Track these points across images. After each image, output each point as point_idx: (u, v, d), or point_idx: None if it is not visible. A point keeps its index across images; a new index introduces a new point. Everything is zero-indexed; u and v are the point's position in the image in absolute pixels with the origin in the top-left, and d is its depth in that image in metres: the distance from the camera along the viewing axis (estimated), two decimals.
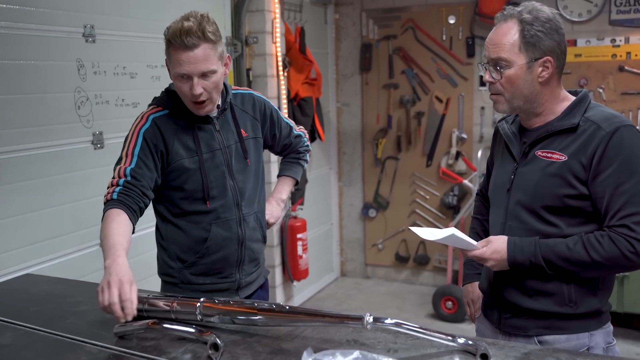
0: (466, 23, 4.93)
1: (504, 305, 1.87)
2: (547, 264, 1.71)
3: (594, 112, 1.75)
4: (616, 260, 1.65)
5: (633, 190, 1.65)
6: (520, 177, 1.82)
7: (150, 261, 3.35)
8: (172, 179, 2.04)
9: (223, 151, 2.08)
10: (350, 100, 5.46)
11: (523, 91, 1.75)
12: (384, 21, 5.22)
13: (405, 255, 5.45)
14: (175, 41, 1.89)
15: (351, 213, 5.64)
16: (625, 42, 4.48)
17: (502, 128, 1.94)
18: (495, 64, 1.76)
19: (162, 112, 2.04)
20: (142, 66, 3.26)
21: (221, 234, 2.10)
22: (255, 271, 2.23)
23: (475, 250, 1.78)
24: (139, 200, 1.93)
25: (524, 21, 1.71)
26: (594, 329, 1.78)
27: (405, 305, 5.01)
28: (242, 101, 2.19)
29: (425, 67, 5.11)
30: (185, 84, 1.94)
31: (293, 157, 2.44)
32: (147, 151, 1.98)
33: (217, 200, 2.08)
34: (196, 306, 1.65)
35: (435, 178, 5.22)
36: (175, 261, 2.12)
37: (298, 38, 4.54)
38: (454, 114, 5.09)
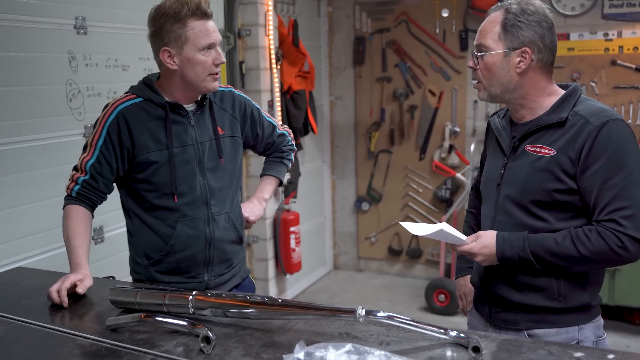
0: (459, 16, 4.93)
1: (495, 299, 1.88)
2: (536, 258, 1.71)
3: (583, 106, 1.75)
4: (604, 254, 1.65)
5: (621, 185, 1.65)
6: (509, 171, 1.82)
7: None
8: (138, 171, 2.01)
9: (195, 147, 2.03)
10: (343, 93, 5.45)
11: (500, 79, 1.78)
12: (377, 14, 5.21)
13: (398, 248, 5.46)
14: (200, 11, 1.89)
15: (344, 206, 5.65)
16: (618, 36, 4.48)
17: (493, 122, 1.95)
18: (478, 50, 1.80)
19: (134, 100, 2.00)
20: (134, 58, 3.25)
21: (187, 232, 2.04)
22: (227, 272, 2.16)
23: (464, 246, 1.78)
24: (96, 199, 2.04)
25: (508, 11, 1.75)
26: (583, 322, 1.79)
27: (398, 298, 5.02)
28: (222, 99, 2.14)
29: (419, 61, 5.11)
30: (209, 56, 1.94)
31: (277, 156, 2.39)
32: (110, 145, 1.97)
33: (185, 197, 2.03)
34: (188, 299, 1.65)
35: (428, 171, 5.23)
36: (142, 258, 2.08)
37: (291, 31, 4.52)
38: (447, 107, 5.09)
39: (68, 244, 1.95)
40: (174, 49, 1.93)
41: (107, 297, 1.82)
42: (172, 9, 1.90)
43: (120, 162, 2.00)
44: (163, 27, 1.92)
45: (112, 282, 2.08)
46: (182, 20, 1.90)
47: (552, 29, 1.78)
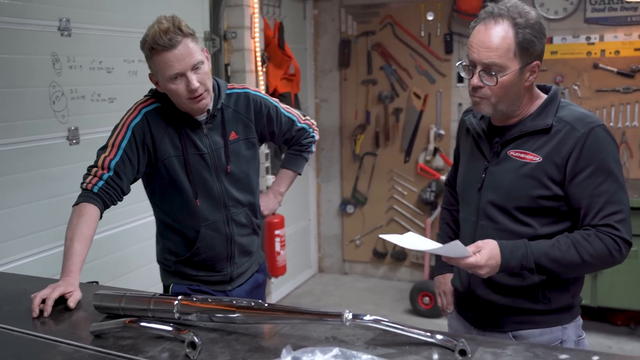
0: (444, 20, 4.96)
1: (479, 303, 1.88)
2: (537, 266, 1.68)
3: (566, 112, 1.75)
4: (603, 258, 1.67)
5: (611, 190, 1.67)
6: (491, 176, 1.81)
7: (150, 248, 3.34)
8: (161, 175, 2.08)
9: (210, 155, 2.11)
10: (328, 96, 5.45)
11: (511, 96, 1.72)
12: (363, 17, 5.22)
13: (383, 251, 5.47)
14: (157, 45, 1.91)
15: (329, 209, 5.65)
16: (600, 40, 4.53)
17: (470, 123, 1.90)
18: (487, 68, 1.68)
19: (154, 104, 2.07)
20: (118, 61, 3.22)
21: (210, 235, 2.15)
22: (247, 261, 2.28)
23: (469, 258, 1.66)
24: (116, 198, 2.03)
25: (518, 25, 1.66)
26: (566, 322, 1.81)
27: (383, 301, 5.02)
28: (237, 102, 2.19)
29: (404, 64, 5.13)
30: (180, 84, 1.95)
31: (296, 149, 2.45)
32: (134, 146, 2.01)
33: (205, 201, 2.12)
34: (173, 304, 1.64)
35: (413, 174, 5.24)
36: (170, 255, 2.19)
37: (277, 33, 4.52)
38: (431, 110, 5.11)
39: (69, 245, 1.88)
40: (155, 78, 2.02)
41: (90, 303, 1.80)
42: (142, 42, 1.97)
43: (142, 164, 2.04)
44: (145, 58, 2.00)
45: (96, 287, 2.06)
46: (148, 55, 1.96)
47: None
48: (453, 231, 2.13)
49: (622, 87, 4.44)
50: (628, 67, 4.42)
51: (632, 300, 4.01)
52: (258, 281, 2.36)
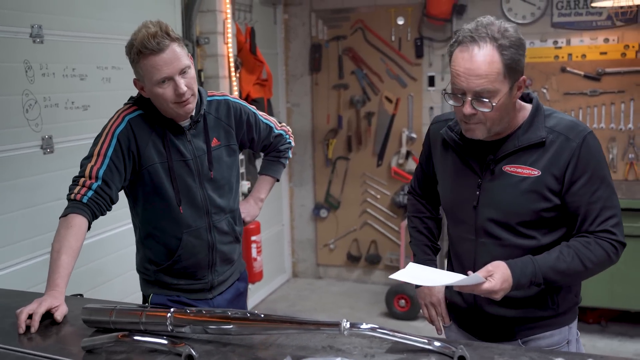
0: (415, 24, 5.00)
1: (486, 318, 1.86)
2: (545, 280, 1.69)
3: (555, 121, 1.75)
4: (603, 263, 1.72)
5: (605, 195, 1.72)
6: (488, 193, 1.77)
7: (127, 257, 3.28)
8: (145, 182, 2.06)
9: (194, 161, 2.10)
10: (300, 100, 5.45)
11: (503, 116, 1.70)
12: (333, 22, 5.23)
13: (357, 254, 5.48)
14: (146, 49, 1.90)
15: (302, 213, 5.64)
16: (567, 44, 4.63)
17: (449, 138, 1.84)
18: (479, 95, 1.63)
19: (137, 112, 2.05)
20: (92, 67, 3.16)
21: (192, 242, 2.13)
22: (228, 269, 2.27)
23: (484, 285, 1.61)
24: (105, 208, 2.00)
25: (502, 47, 1.62)
26: (571, 322, 1.86)
27: (358, 304, 5.04)
28: (217, 108, 2.19)
29: (375, 68, 5.15)
30: (167, 88, 1.95)
31: (274, 155, 2.47)
32: (120, 154, 1.99)
33: (188, 208, 2.11)
34: (166, 317, 1.61)
35: (386, 177, 5.27)
36: (150, 264, 2.17)
37: (248, 38, 4.50)
38: (403, 114, 5.15)
39: (56, 257, 1.84)
40: (141, 82, 2.00)
41: (78, 316, 1.76)
42: (128, 47, 1.96)
43: (128, 172, 2.03)
44: (131, 63, 1.99)
45: (81, 299, 2.02)
46: (135, 60, 1.95)
47: None
48: (429, 239, 2.10)
49: (589, 90, 4.55)
50: (594, 70, 4.53)
51: (603, 299, 4.10)
52: (239, 290, 2.36)
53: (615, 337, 4.25)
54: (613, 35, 4.53)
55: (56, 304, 1.78)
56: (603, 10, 4.49)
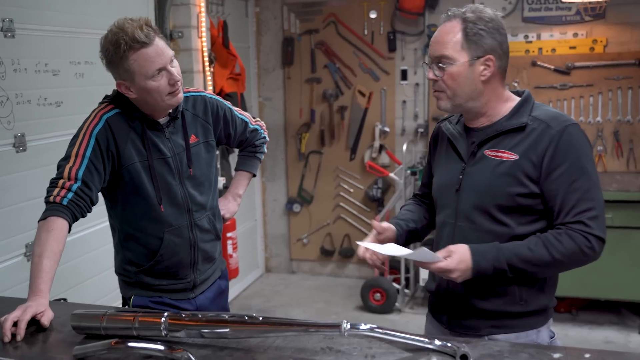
0: (387, 18, 5.00)
1: (455, 306, 1.88)
2: (510, 267, 1.71)
3: (540, 111, 1.79)
4: (574, 256, 1.69)
5: (585, 187, 1.70)
6: (469, 177, 1.83)
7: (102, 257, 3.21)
8: (124, 182, 2.01)
9: (173, 159, 2.07)
10: (272, 94, 5.41)
11: (465, 89, 1.77)
12: (306, 15, 5.19)
13: (331, 249, 5.48)
14: (136, 43, 1.86)
15: (275, 208, 5.61)
16: (537, 39, 4.69)
17: (446, 129, 1.94)
18: (438, 61, 1.78)
19: (114, 110, 2.01)
20: (64, 63, 3.07)
21: (174, 241, 2.10)
22: (210, 268, 2.25)
23: (439, 262, 1.69)
24: (85, 210, 1.95)
25: (467, 20, 1.74)
26: (540, 325, 1.82)
27: (333, 298, 5.04)
28: (194, 104, 2.17)
29: (348, 62, 5.14)
30: (161, 80, 1.92)
31: (250, 150, 2.45)
32: (99, 154, 1.95)
33: (169, 207, 2.08)
34: (161, 321, 1.58)
35: (359, 171, 5.28)
36: (131, 266, 2.13)
37: (221, 32, 4.43)
38: (376, 107, 5.15)
39: (38, 261, 1.79)
40: (127, 81, 1.94)
41: (64, 322, 1.72)
42: (112, 44, 1.89)
43: (107, 172, 1.98)
44: (111, 62, 1.93)
45: (65, 304, 1.96)
46: (123, 55, 1.89)
47: (506, 35, 1.81)
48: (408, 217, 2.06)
49: (559, 84, 4.62)
50: (564, 64, 4.60)
51: (573, 288, 4.18)
52: (221, 288, 2.34)
53: (585, 325, 4.35)
54: (582, 30, 4.61)
55: (41, 309, 1.72)
56: (572, 6, 4.56)
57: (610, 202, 3.97)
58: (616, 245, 4.05)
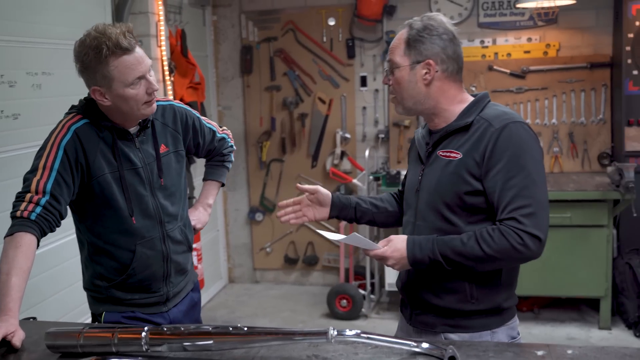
0: (346, 25, 5.03)
1: (415, 302, 1.93)
2: (445, 259, 1.75)
3: (489, 110, 1.83)
4: (506, 252, 1.70)
5: (521, 184, 1.72)
6: (425, 177, 1.90)
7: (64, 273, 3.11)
8: (94, 194, 1.96)
9: (144, 169, 2.04)
10: (231, 103, 5.36)
11: (409, 92, 1.86)
12: (264, 23, 5.18)
13: (294, 257, 5.46)
14: (119, 49, 1.83)
15: (237, 218, 5.56)
16: (493, 44, 4.80)
17: (416, 134, 2.02)
18: (390, 67, 1.89)
19: (82, 121, 1.96)
20: (21, 74, 2.97)
21: (146, 253, 2.06)
22: (182, 280, 2.21)
23: (375, 250, 1.81)
24: (54, 225, 1.89)
25: (412, 27, 1.85)
26: (496, 326, 1.83)
27: (299, 307, 5.01)
28: (163, 114, 2.13)
29: (307, 69, 5.15)
30: (140, 88, 1.89)
31: (218, 160, 2.43)
32: (67, 166, 1.89)
33: (141, 219, 2.03)
34: (141, 336, 1.53)
35: (321, 179, 5.27)
36: (101, 281, 2.06)
37: (179, 41, 4.37)
38: (337, 114, 5.17)
39: (6, 279, 1.72)
40: (103, 88, 1.90)
41: (37, 342, 1.66)
42: (92, 49, 1.85)
43: (76, 185, 1.92)
44: (88, 67, 1.88)
45: (35, 323, 1.89)
46: (103, 60, 1.85)
47: (454, 40, 1.86)
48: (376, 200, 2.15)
49: (515, 88, 4.73)
50: (519, 68, 4.71)
51: (535, 287, 4.27)
52: (194, 300, 2.30)
53: (548, 323, 4.44)
54: (535, 35, 4.73)
55: (12, 329, 1.66)
56: (525, 11, 4.68)
57: (568, 201, 4.10)
58: (575, 243, 4.17)
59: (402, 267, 1.82)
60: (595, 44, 4.67)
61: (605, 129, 4.65)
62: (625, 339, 4.12)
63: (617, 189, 4.02)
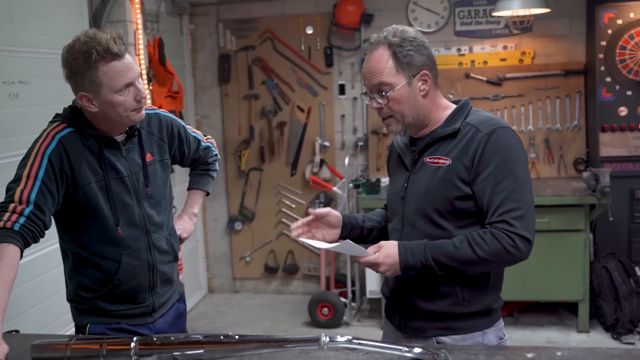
0: (324, 33, 5.05)
1: (404, 308, 1.93)
2: (437, 264, 1.76)
3: (474, 116, 1.86)
4: (499, 255, 1.73)
5: (510, 188, 1.75)
6: (412, 184, 1.90)
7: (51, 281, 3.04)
8: (80, 204, 1.94)
9: (130, 178, 2.02)
10: (209, 112, 5.34)
11: (411, 108, 1.84)
12: (241, 31, 5.17)
13: (274, 265, 5.44)
14: (110, 54, 1.82)
15: (216, 227, 5.52)
16: (470, 51, 4.85)
17: (396, 142, 2.03)
18: (378, 90, 1.84)
19: (67, 129, 1.94)
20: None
21: (132, 263, 2.03)
22: (168, 290, 2.19)
23: (367, 257, 1.79)
24: (38, 235, 1.86)
25: (392, 44, 1.81)
26: (486, 327, 1.86)
27: (280, 316, 4.99)
28: (149, 122, 2.12)
29: (285, 77, 5.15)
30: (128, 95, 1.88)
31: (202, 168, 2.41)
32: (52, 175, 1.86)
33: (127, 228, 2.01)
34: (130, 347, 1.51)
35: (301, 187, 5.27)
36: (86, 292, 2.03)
37: (157, 49, 4.35)
38: (315, 122, 5.17)
39: None
40: (90, 94, 1.88)
41: (21, 355, 1.63)
42: (81, 53, 1.83)
43: (61, 194, 1.89)
44: (76, 72, 1.86)
45: (18, 336, 1.85)
46: (92, 65, 1.83)
47: (429, 47, 1.89)
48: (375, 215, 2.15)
49: (492, 95, 4.78)
50: (496, 76, 4.77)
51: (515, 292, 4.31)
52: (179, 310, 2.28)
53: (528, 327, 4.49)
54: (511, 43, 4.80)
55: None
56: (501, 20, 4.74)
57: (546, 207, 4.15)
58: (553, 248, 4.22)
59: (393, 273, 1.82)
60: (569, 51, 4.75)
61: (580, 135, 4.73)
62: (603, 342, 4.17)
63: (593, 193, 4.09)
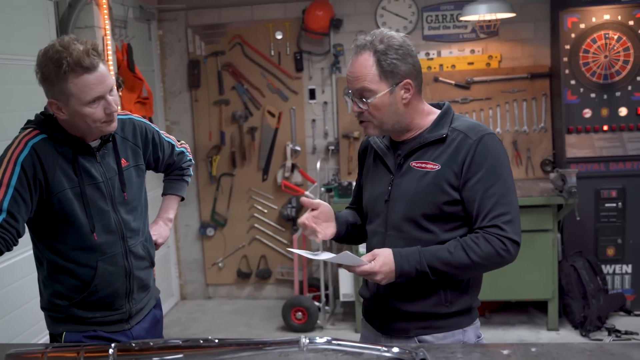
0: (293, 38, 5.06)
1: (385, 310, 1.94)
2: (432, 270, 1.78)
3: (460, 122, 1.89)
4: (491, 258, 1.78)
5: (500, 193, 1.80)
6: (397, 188, 1.91)
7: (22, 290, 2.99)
8: (54, 211, 1.92)
9: (105, 184, 2.00)
10: (179, 118, 5.31)
11: (391, 115, 1.86)
12: (211, 37, 5.16)
13: (247, 271, 5.42)
14: (80, 67, 1.79)
15: (188, 234, 5.49)
16: (438, 56, 4.92)
17: (374, 142, 2.02)
18: (360, 95, 1.85)
19: (39, 136, 1.91)
20: None
21: (108, 270, 2.02)
22: (145, 296, 2.18)
23: (364, 266, 1.77)
24: (11, 244, 1.84)
25: (378, 51, 1.81)
26: (466, 325, 1.91)
27: (254, 321, 4.97)
28: (123, 128, 2.10)
29: (256, 82, 5.15)
30: (97, 108, 1.85)
31: (177, 174, 2.40)
32: (25, 182, 1.84)
33: (103, 234, 1.99)
34: (109, 354, 1.50)
35: (273, 191, 5.27)
36: (62, 300, 2.01)
37: (126, 55, 4.31)
38: (286, 127, 5.18)
39: None
40: (60, 102, 1.86)
41: None
42: (52, 62, 1.81)
43: (34, 202, 1.87)
44: (47, 79, 1.84)
45: None
46: (62, 76, 1.81)
47: (416, 55, 1.88)
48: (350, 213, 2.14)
49: (461, 98, 4.86)
50: (464, 79, 4.84)
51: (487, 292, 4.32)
52: (156, 317, 2.27)
53: (499, 327, 4.55)
54: (478, 47, 4.88)
55: None
56: (468, 24, 4.82)
57: None
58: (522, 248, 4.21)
59: (388, 281, 1.80)
60: (535, 55, 4.85)
61: (547, 137, 4.83)
62: (572, 339, 4.26)
63: (560, 194, 4.18)
